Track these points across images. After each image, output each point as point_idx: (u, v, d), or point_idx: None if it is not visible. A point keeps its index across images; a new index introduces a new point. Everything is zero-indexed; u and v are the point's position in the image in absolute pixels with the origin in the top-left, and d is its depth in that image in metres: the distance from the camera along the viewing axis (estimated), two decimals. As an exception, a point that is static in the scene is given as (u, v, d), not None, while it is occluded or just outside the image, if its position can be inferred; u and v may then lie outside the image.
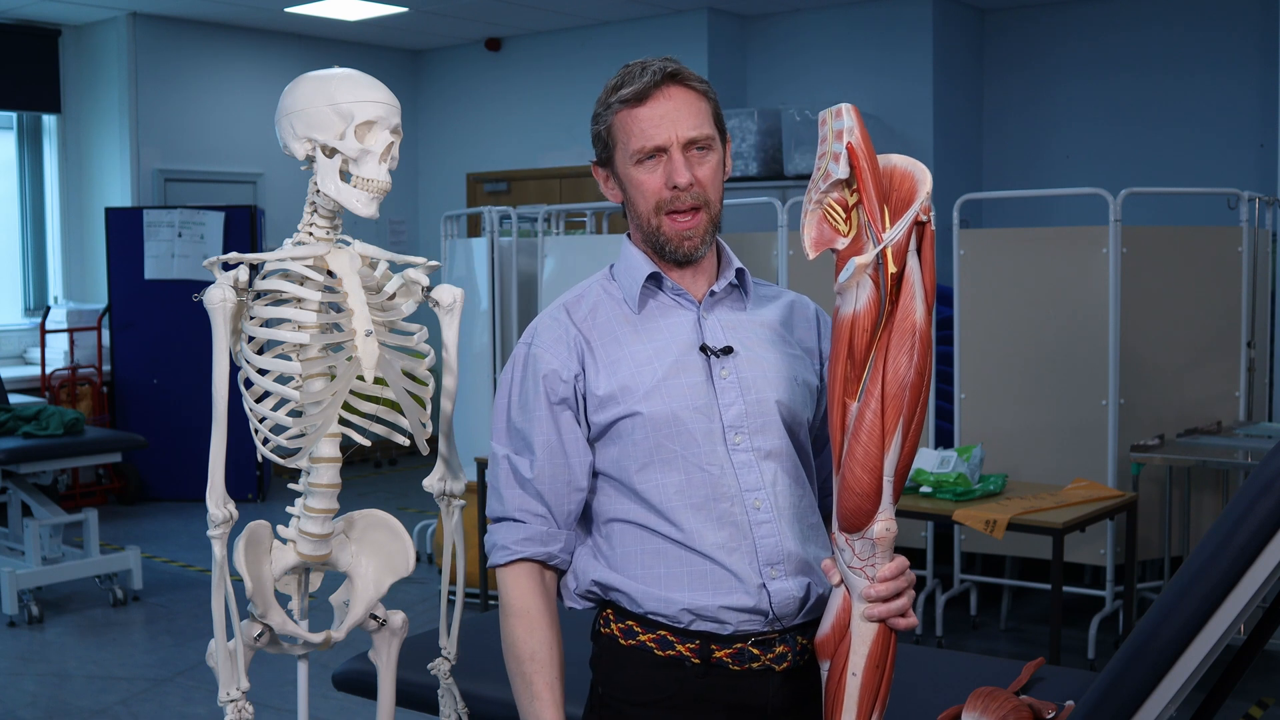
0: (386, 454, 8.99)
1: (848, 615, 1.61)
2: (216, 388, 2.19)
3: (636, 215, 1.79)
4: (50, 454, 5.48)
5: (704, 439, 1.73)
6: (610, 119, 1.76)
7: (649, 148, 1.73)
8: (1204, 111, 7.33)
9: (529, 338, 1.82)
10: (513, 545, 1.77)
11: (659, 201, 1.75)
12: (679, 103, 1.73)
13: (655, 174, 1.74)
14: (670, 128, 1.72)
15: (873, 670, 1.59)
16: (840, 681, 1.59)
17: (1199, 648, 1.47)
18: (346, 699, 3.91)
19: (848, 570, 1.61)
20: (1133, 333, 4.94)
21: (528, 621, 1.76)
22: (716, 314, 1.81)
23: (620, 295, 1.82)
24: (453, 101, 9.54)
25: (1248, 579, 1.44)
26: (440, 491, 2.46)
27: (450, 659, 2.48)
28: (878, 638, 1.60)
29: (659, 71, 1.73)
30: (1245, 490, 1.48)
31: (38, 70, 8.18)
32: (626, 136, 1.75)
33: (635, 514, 1.75)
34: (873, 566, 1.59)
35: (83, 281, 8.50)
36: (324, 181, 2.18)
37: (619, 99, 1.74)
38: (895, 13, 7.72)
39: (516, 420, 1.80)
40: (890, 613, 1.61)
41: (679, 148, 1.73)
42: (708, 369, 1.76)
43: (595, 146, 1.82)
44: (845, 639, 1.60)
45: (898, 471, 1.57)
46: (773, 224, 5.44)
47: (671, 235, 1.76)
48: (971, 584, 5.26)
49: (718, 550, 1.71)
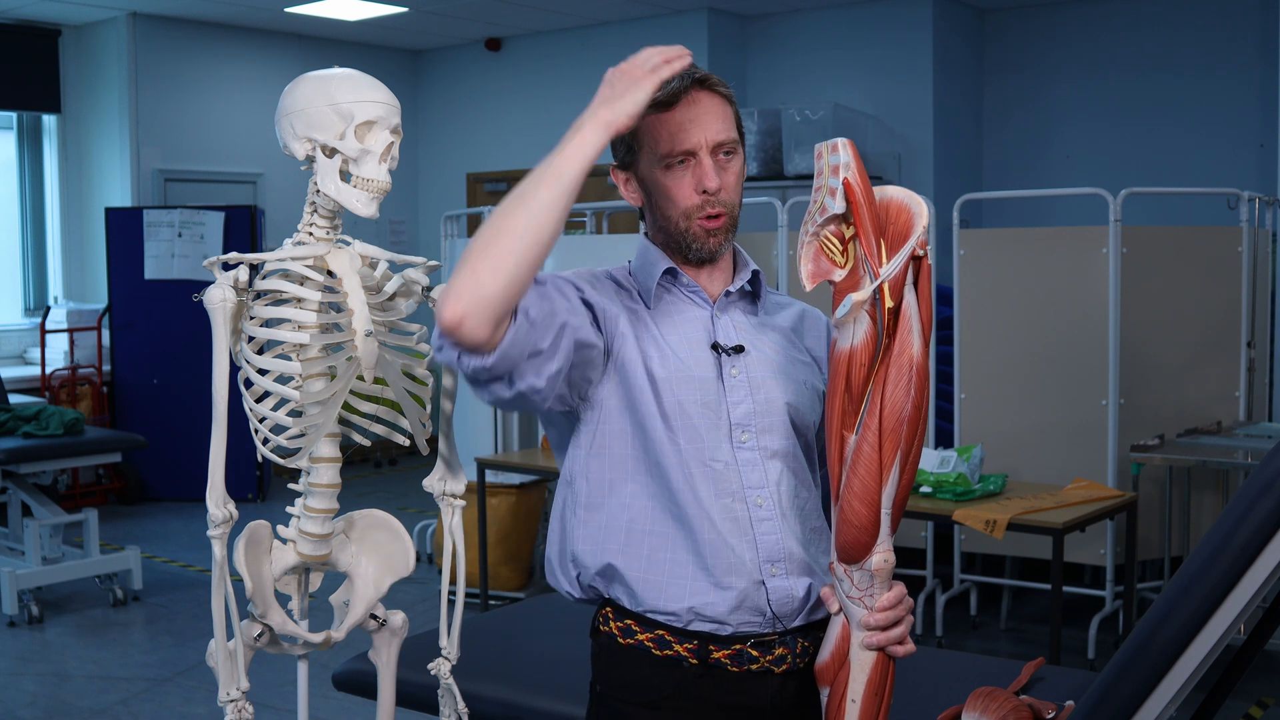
0: (386, 454, 9.00)
1: (846, 643, 1.63)
2: (216, 388, 2.19)
3: (663, 218, 1.78)
4: (50, 454, 5.48)
5: (709, 434, 1.73)
6: (636, 122, 1.75)
7: (679, 151, 1.73)
8: (1204, 111, 7.33)
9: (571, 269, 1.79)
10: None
11: (690, 207, 1.75)
12: (706, 107, 1.74)
13: (684, 179, 1.75)
14: (700, 132, 1.73)
15: (872, 697, 1.61)
16: (840, 708, 1.61)
17: (1199, 648, 1.47)
18: (346, 699, 3.91)
19: (846, 600, 1.63)
20: (1133, 333, 4.94)
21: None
22: (730, 315, 1.82)
23: (635, 290, 1.82)
24: (453, 101, 9.54)
25: (1248, 579, 1.44)
26: (440, 491, 2.46)
27: (450, 659, 2.48)
28: (876, 665, 1.62)
29: (687, 76, 1.73)
30: (1245, 490, 1.48)
31: (38, 70, 8.18)
32: (654, 140, 1.75)
33: (640, 493, 1.75)
34: (871, 596, 1.61)
35: (83, 281, 8.50)
36: (324, 181, 2.18)
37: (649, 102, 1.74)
38: (895, 13, 7.72)
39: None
40: (888, 641, 1.64)
41: (707, 152, 1.73)
42: (718, 366, 1.77)
43: (616, 149, 1.81)
44: (844, 666, 1.62)
45: (895, 503, 1.59)
46: (773, 224, 5.44)
47: (700, 234, 1.76)
48: (971, 584, 5.26)
49: (718, 543, 1.71)
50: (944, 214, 5.87)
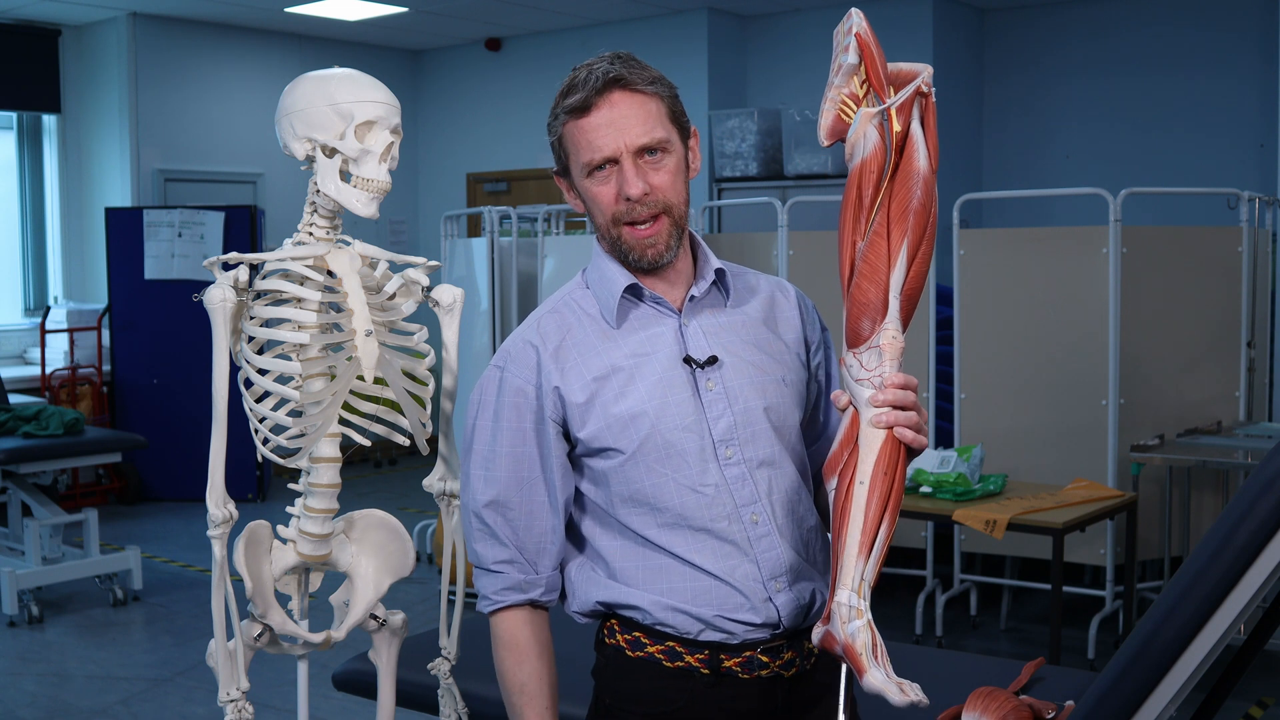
0: (386, 454, 8.99)
1: (854, 430, 1.56)
2: (216, 388, 2.19)
3: (598, 227, 1.73)
4: (50, 454, 5.48)
5: (695, 459, 1.69)
6: (560, 130, 1.70)
7: (598, 159, 1.66)
8: (1204, 111, 7.32)
9: (500, 361, 1.75)
10: (493, 596, 1.76)
11: (615, 214, 1.69)
12: (624, 109, 1.65)
13: (608, 185, 1.68)
14: (617, 137, 1.65)
15: (880, 477, 1.52)
16: (848, 492, 1.53)
17: (1199, 648, 1.47)
18: (346, 699, 3.92)
19: (854, 383, 1.56)
20: (1133, 333, 4.94)
21: (517, 654, 1.75)
22: (698, 320, 1.75)
23: (596, 309, 1.75)
24: (453, 101, 9.54)
25: (1248, 579, 1.44)
26: (440, 491, 2.46)
27: (450, 659, 2.48)
28: (885, 445, 1.53)
29: (601, 78, 1.65)
30: (1245, 490, 1.48)
31: (38, 70, 8.18)
32: (575, 148, 1.68)
33: (630, 537, 1.72)
34: (879, 375, 1.54)
35: (83, 281, 8.50)
36: (324, 181, 2.18)
37: (565, 109, 1.67)
38: (895, 13, 7.72)
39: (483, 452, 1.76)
40: (898, 421, 1.53)
41: (629, 156, 1.65)
42: (693, 383, 1.71)
43: (554, 157, 1.74)
44: (853, 453, 1.55)
45: (904, 293, 1.55)
46: (773, 224, 5.44)
47: (634, 244, 1.69)
48: (971, 584, 5.26)
49: (720, 570, 1.69)
50: (944, 214, 5.85)
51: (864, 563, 1.50)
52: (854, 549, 1.50)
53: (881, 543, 1.51)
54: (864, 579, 1.50)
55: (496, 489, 1.73)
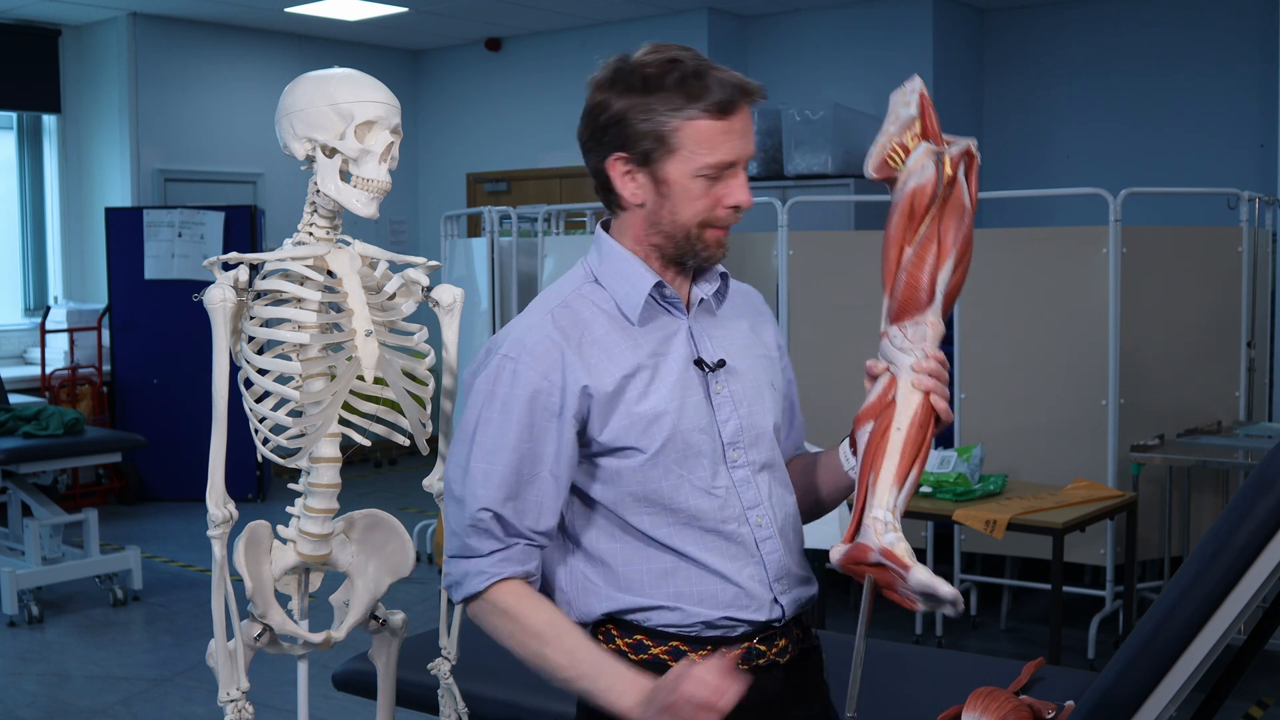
0: (386, 454, 8.99)
1: (890, 390, 1.65)
2: (216, 388, 2.19)
3: (671, 222, 1.68)
4: (50, 454, 5.48)
5: (709, 462, 1.70)
6: (678, 121, 1.64)
7: (725, 162, 1.65)
8: (1204, 111, 7.33)
9: (512, 352, 1.68)
10: (489, 570, 1.67)
11: (709, 216, 1.67)
12: (748, 120, 1.68)
13: (714, 188, 1.66)
14: (745, 146, 1.67)
15: (915, 429, 1.62)
16: (884, 436, 1.62)
17: (1199, 648, 1.47)
18: (346, 699, 3.91)
19: (896, 351, 1.65)
20: (1133, 333, 4.94)
21: (529, 603, 1.67)
22: (701, 322, 1.75)
23: (612, 305, 1.72)
24: (453, 101, 9.54)
25: (1248, 579, 1.45)
26: (440, 491, 2.45)
27: (450, 659, 2.48)
28: (922, 406, 1.63)
29: (738, 85, 1.66)
30: (1245, 490, 1.48)
31: (38, 70, 8.18)
32: (697, 144, 1.64)
33: (635, 537, 1.71)
34: (922, 349, 1.65)
35: (83, 281, 8.50)
36: (324, 181, 2.19)
37: (703, 105, 1.63)
38: (895, 13, 7.72)
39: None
40: (937, 387, 1.63)
41: (743, 166, 1.69)
42: (705, 385, 1.72)
43: (633, 140, 1.66)
44: (889, 405, 1.64)
45: (947, 293, 1.65)
46: (773, 224, 5.44)
47: (713, 246, 1.70)
48: (971, 584, 5.26)
49: (729, 570, 1.70)
50: (944, 214, 5.86)
51: (897, 491, 1.59)
52: (889, 478, 1.59)
53: (910, 484, 1.60)
54: (897, 505, 1.59)
55: (499, 485, 1.67)
